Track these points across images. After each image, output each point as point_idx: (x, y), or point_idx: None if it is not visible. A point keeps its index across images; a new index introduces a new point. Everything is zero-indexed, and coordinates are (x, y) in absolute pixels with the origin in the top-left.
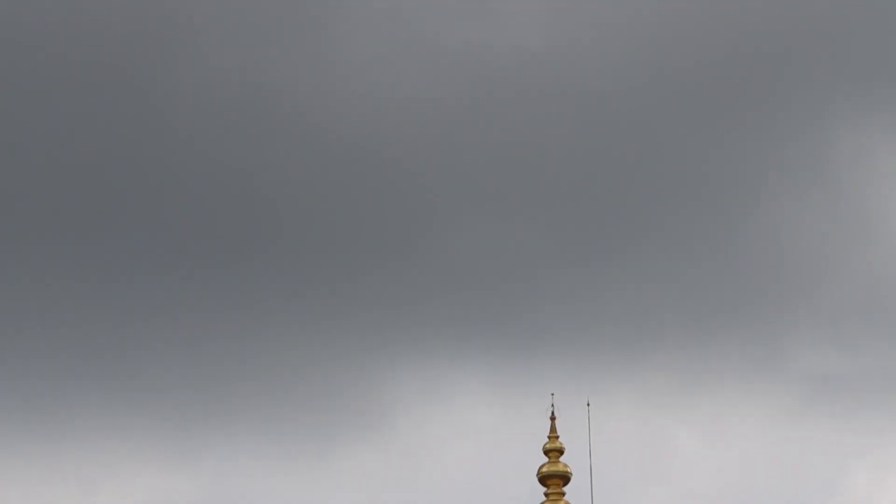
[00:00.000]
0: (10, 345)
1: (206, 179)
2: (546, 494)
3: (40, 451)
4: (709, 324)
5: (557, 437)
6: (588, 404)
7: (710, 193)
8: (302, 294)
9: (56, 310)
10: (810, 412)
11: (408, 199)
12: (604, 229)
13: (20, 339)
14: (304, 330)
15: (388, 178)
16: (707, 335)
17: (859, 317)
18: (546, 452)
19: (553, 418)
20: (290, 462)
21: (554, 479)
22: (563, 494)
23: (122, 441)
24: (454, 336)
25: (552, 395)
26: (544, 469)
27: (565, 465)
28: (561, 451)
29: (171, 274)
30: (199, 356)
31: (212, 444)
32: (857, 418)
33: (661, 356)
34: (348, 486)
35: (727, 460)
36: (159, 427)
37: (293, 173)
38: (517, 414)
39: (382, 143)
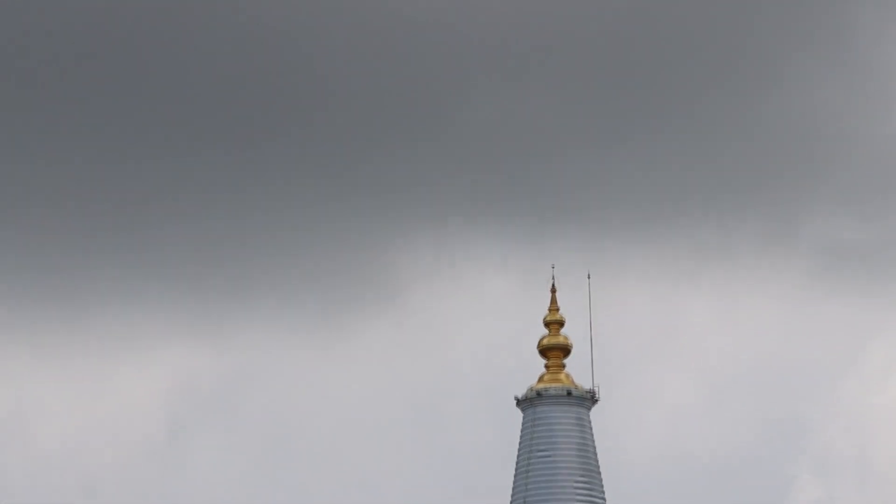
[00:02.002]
0: (29, 220)
1: (227, 51)
2: (546, 366)
3: (62, 323)
4: (724, 196)
5: (558, 310)
6: (588, 276)
7: (731, 70)
8: (320, 169)
9: (74, 185)
10: (825, 283)
11: (429, 76)
12: (624, 106)
13: (39, 214)
14: (323, 205)
15: (412, 55)
16: (722, 207)
17: (875, 188)
18: (546, 325)
19: (553, 290)
20: (306, 335)
21: (554, 351)
22: (564, 366)
23: (141, 314)
24: (469, 211)
25: (552, 267)
26: (545, 341)
27: (565, 338)
28: (561, 324)
29: (190, 148)
30: (217, 231)
31: (230, 317)
32: (872, 292)
33: (675, 229)
34: (364, 358)
35: (740, 333)
36: (178, 301)
37: (315, 48)
38: (523, 287)
39: (407, 20)
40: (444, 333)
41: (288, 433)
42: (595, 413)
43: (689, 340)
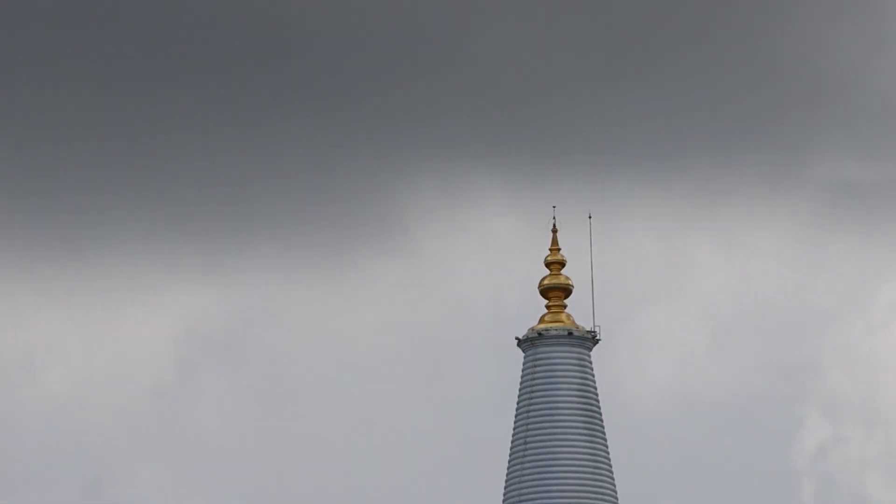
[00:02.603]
0: (30, 160)
1: None
2: (547, 307)
3: (65, 266)
4: (729, 135)
5: (559, 251)
6: (589, 217)
7: (739, 8)
8: (327, 105)
9: (76, 124)
10: (831, 223)
11: (434, 10)
12: (630, 44)
13: (40, 154)
14: (329, 142)
15: None
16: (728, 145)
17: (883, 127)
18: (547, 265)
19: (554, 231)
20: (311, 274)
21: (555, 292)
22: (565, 307)
23: (145, 256)
24: (474, 149)
25: (553, 207)
26: (545, 281)
27: (566, 278)
28: (562, 264)
29: (194, 83)
30: (222, 170)
31: (235, 258)
32: (879, 231)
33: (680, 168)
34: (370, 297)
35: (745, 274)
36: (183, 242)
37: None
38: (526, 227)
39: None
40: (448, 273)
41: (293, 372)
42: (598, 354)
43: (694, 281)
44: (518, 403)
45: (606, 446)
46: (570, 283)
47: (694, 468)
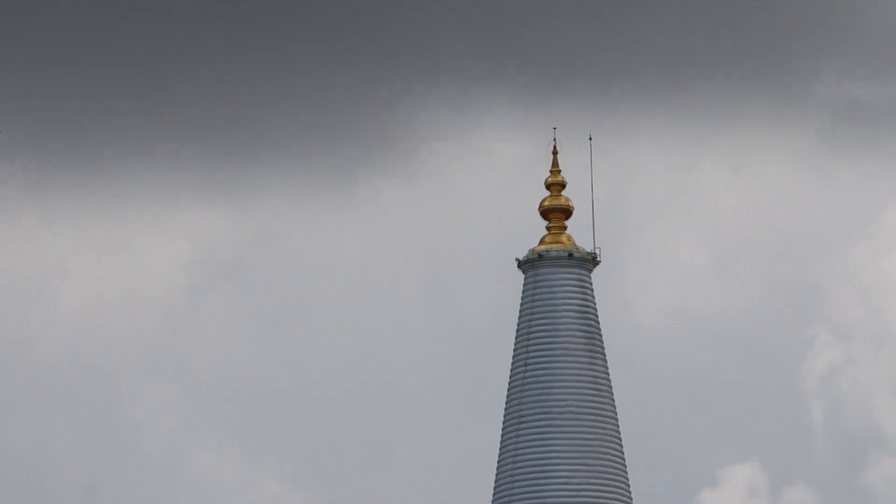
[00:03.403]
0: (40, 82)
1: None
2: (548, 228)
3: (77, 188)
4: (737, 55)
5: (559, 172)
6: (590, 138)
7: None
8: (333, 26)
9: (85, 45)
10: (838, 145)
11: None
12: None
13: (50, 75)
14: (335, 64)
15: None
16: (734, 66)
17: (889, 46)
18: (548, 186)
19: (555, 153)
20: (319, 194)
21: (555, 213)
22: (565, 228)
23: (155, 179)
24: (479, 70)
25: (554, 129)
26: (546, 203)
27: (567, 199)
28: (562, 186)
29: (201, 4)
30: (229, 93)
31: (244, 179)
32: (885, 152)
33: (685, 90)
34: (375, 218)
35: (751, 196)
36: (193, 164)
37: None
38: (528, 149)
39: None
40: (453, 194)
41: (300, 295)
42: (600, 276)
43: (699, 202)
44: (518, 325)
45: (607, 368)
46: (570, 204)
47: (699, 390)
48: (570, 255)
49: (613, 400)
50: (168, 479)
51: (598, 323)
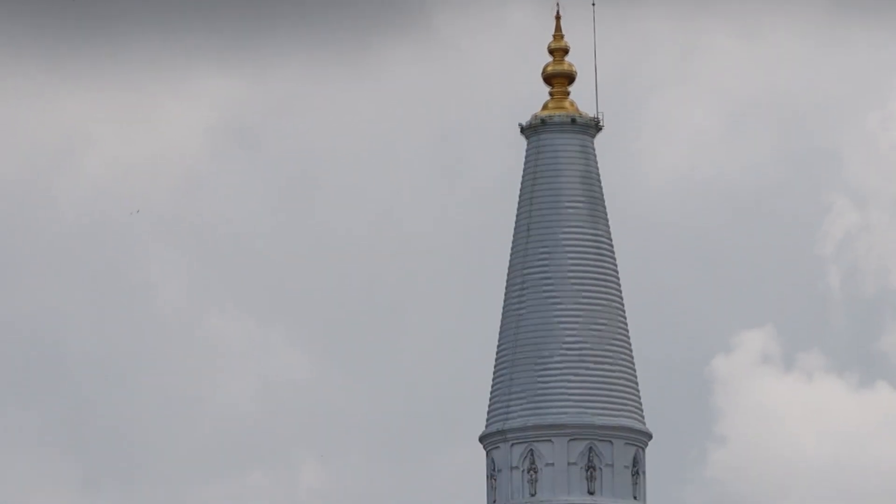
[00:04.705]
0: None
1: None
2: (551, 94)
3: (104, 54)
4: None
5: (562, 37)
6: (593, 3)
7: None
8: None
9: None
10: (850, 8)
11: None
12: None
13: None
14: None
15: None
16: None
17: None
18: (551, 52)
19: (558, 17)
20: (331, 63)
21: (558, 79)
22: (568, 94)
23: (178, 46)
24: None
25: None
26: (549, 68)
27: (570, 65)
28: (565, 51)
29: None
30: None
31: (260, 46)
32: None
33: None
34: (385, 84)
35: (762, 61)
36: (210, 29)
37: None
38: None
39: None
40: (461, 60)
41: (314, 160)
42: (607, 143)
43: (708, 68)
44: (521, 191)
45: (609, 234)
46: (573, 70)
47: (711, 256)
48: (573, 120)
49: (616, 266)
50: (179, 342)
51: (601, 189)
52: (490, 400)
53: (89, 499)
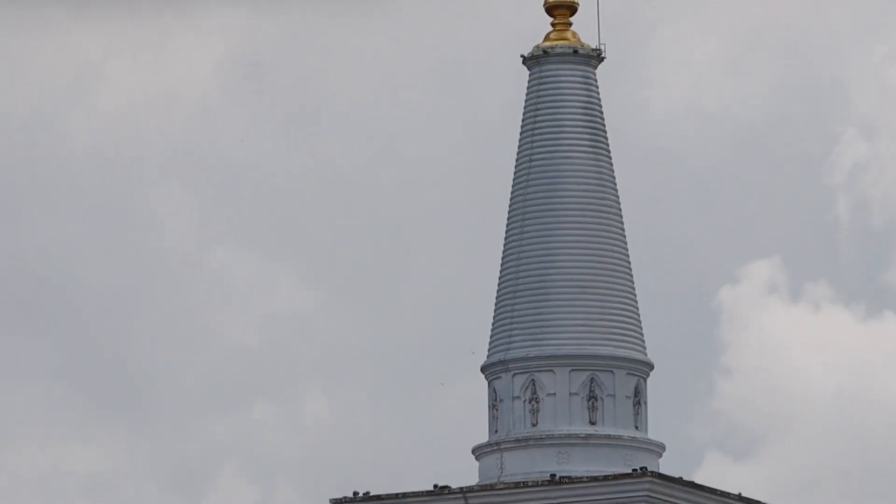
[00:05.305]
0: None
1: None
2: (553, 25)
3: None
4: None
5: None
6: None
7: None
8: None
9: None
10: None
11: None
12: None
13: None
14: None
15: None
16: None
17: None
18: None
19: None
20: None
21: (560, 10)
22: (570, 25)
23: None
24: None
25: None
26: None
27: None
28: None
29: None
30: None
31: None
32: None
33: None
34: (394, 16)
35: None
36: None
37: None
38: None
39: None
40: None
41: (321, 94)
42: (610, 74)
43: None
44: (523, 122)
45: (612, 165)
46: (575, 0)
47: (716, 187)
48: (575, 51)
49: (618, 197)
50: (186, 275)
51: (603, 120)
52: (492, 330)
53: (94, 431)
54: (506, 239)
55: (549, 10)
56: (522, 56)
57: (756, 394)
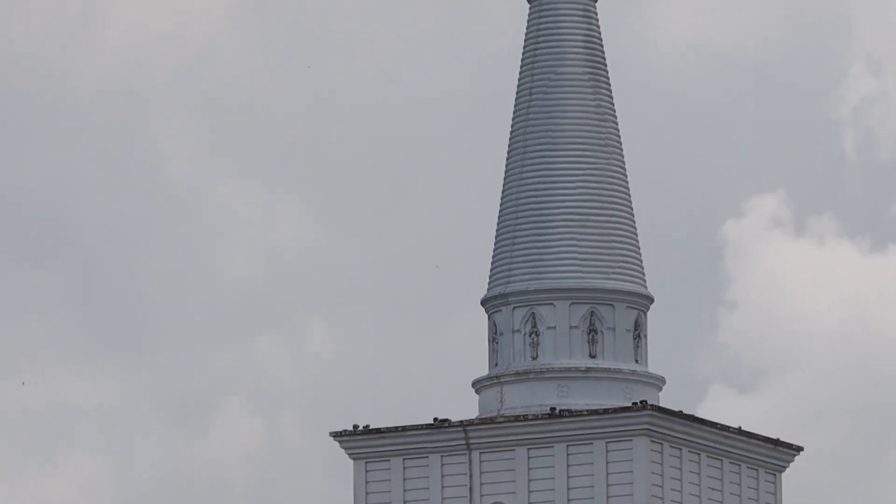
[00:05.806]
0: None
1: None
2: None
3: None
4: None
5: None
6: None
7: None
8: None
9: None
10: None
11: None
12: None
13: None
14: None
15: None
16: None
17: None
18: None
19: None
20: None
21: None
22: None
23: None
24: None
25: None
26: None
27: None
28: None
29: None
30: None
31: None
32: None
33: None
34: None
35: None
36: None
37: None
38: None
39: None
40: None
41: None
42: (610, 9)
43: None
44: (523, 55)
45: (612, 99)
46: None
47: (721, 120)
48: None
49: (619, 131)
50: (189, 209)
51: (603, 53)
52: (492, 263)
53: (97, 365)
54: (506, 172)
55: None
56: None
57: (760, 328)
